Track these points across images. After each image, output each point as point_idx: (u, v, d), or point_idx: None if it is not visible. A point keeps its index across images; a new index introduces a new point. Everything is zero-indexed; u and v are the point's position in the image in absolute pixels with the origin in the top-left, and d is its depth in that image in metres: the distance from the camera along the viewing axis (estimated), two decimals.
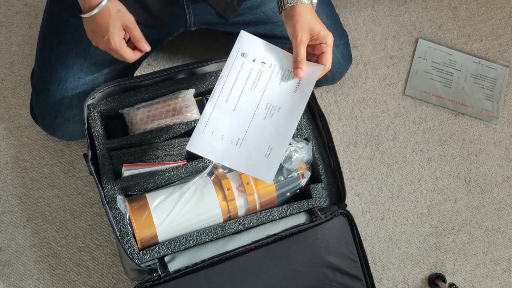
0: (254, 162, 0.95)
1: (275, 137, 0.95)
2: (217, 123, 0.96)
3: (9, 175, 1.26)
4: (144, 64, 1.35)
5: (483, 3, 1.49)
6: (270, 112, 0.97)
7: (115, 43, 0.98)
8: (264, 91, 0.97)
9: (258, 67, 0.98)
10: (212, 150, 0.95)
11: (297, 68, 0.96)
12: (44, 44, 1.14)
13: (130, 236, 0.98)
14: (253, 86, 0.97)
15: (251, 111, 0.97)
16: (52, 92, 1.12)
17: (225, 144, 0.95)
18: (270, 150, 0.95)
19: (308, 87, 0.97)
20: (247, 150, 0.95)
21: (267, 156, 0.95)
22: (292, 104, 0.96)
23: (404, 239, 1.29)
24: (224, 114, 0.96)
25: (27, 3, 1.38)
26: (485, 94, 1.42)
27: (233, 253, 0.99)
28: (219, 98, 0.96)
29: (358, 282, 1.03)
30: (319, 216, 1.02)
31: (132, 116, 1.09)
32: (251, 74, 0.97)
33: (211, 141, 0.95)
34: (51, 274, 1.20)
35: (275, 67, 0.98)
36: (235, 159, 0.95)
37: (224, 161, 0.95)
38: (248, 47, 0.98)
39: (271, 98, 0.97)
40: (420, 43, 1.44)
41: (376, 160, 1.34)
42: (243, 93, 0.97)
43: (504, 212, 1.33)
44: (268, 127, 0.96)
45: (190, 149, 0.95)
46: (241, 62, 0.97)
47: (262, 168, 0.94)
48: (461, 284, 1.28)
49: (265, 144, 0.95)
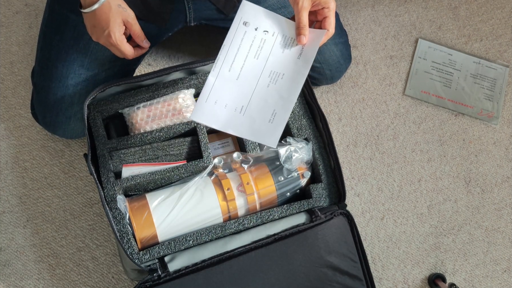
0: (258, 127, 0.94)
1: (279, 103, 0.95)
2: (221, 92, 0.95)
3: (9, 175, 1.26)
4: (144, 64, 1.35)
5: (483, 3, 1.49)
6: (274, 79, 0.96)
7: (116, 37, 0.98)
8: (268, 59, 0.97)
9: (261, 35, 0.97)
10: (216, 118, 0.95)
11: (300, 34, 0.95)
12: (45, 41, 1.14)
13: (130, 236, 0.98)
14: (256, 55, 0.97)
15: (254, 79, 0.97)
16: (53, 89, 1.12)
17: (228, 112, 0.95)
18: (274, 116, 0.95)
19: (311, 52, 0.96)
20: (251, 117, 0.95)
21: (271, 122, 0.94)
22: (296, 70, 0.96)
23: (404, 239, 1.29)
24: (228, 83, 0.96)
25: (27, 3, 1.39)
26: (485, 94, 1.42)
27: (233, 253, 0.99)
28: (222, 67, 0.96)
29: (358, 282, 1.03)
30: (319, 216, 1.02)
31: (132, 116, 1.09)
32: (254, 42, 0.97)
33: (214, 110, 0.95)
34: (51, 274, 1.20)
35: (277, 35, 0.98)
36: (239, 126, 0.95)
37: (228, 129, 0.95)
38: (250, 16, 0.98)
39: (275, 65, 0.97)
40: (420, 43, 1.44)
41: (376, 160, 1.34)
42: (246, 62, 0.97)
43: (504, 212, 1.33)
44: (271, 93, 0.96)
45: (194, 118, 0.94)
46: (243, 31, 0.97)
47: (266, 133, 0.94)
48: (461, 284, 1.28)
49: (269, 110, 0.95)
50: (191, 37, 1.38)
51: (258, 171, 1.05)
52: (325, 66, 1.25)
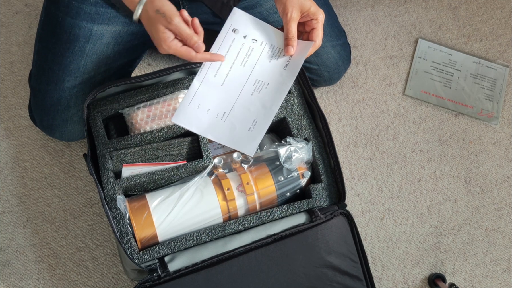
0: (238, 135, 0.96)
1: (260, 112, 0.96)
2: (204, 97, 0.96)
3: (9, 175, 1.26)
4: (144, 64, 1.35)
5: (483, 3, 1.49)
6: (258, 88, 0.97)
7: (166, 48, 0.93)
8: (254, 67, 0.98)
9: (249, 44, 0.98)
10: (198, 123, 0.96)
11: (288, 45, 0.96)
12: (41, 44, 1.14)
13: (130, 236, 0.98)
14: (243, 62, 0.98)
15: (239, 86, 0.97)
16: (50, 92, 1.12)
17: (210, 117, 0.96)
18: (254, 124, 0.96)
19: (297, 64, 0.97)
20: (232, 124, 0.96)
21: (251, 130, 0.96)
22: (281, 81, 0.97)
23: (404, 239, 1.29)
24: (212, 89, 0.96)
25: (27, 3, 1.39)
26: (485, 94, 1.42)
27: (233, 253, 0.99)
28: (208, 72, 0.97)
29: (358, 282, 1.03)
30: (319, 216, 1.02)
31: (132, 116, 1.09)
32: (242, 50, 0.98)
33: (196, 114, 0.96)
34: (51, 274, 1.20)
35: (266, 44, 0.99)
36: (219, 132, 0.96)
37: (208, 134, 0.96)
38: (240, 23, 0.99)
39: (260, 74, 0.98)
40: (420, 43, 1.44)
41: (376, 160, 1.34)
42: (232, 69, 0.97)
43: (504, 212, 1.33)
44: (254, 102, 0.97)
45: (175, 120, 0.95)
46: (232, 38, 0.98)
47: (245, 141, 0.95)
48: (461, 284, 1.28)
49: (250, 118, 0.96)
50: None
51: (258, 171, 1.05)
52: (322, 68, 1.25)
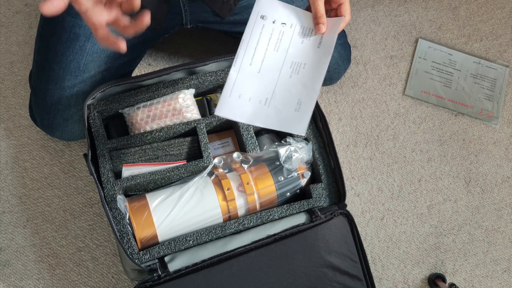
0: (285, 117, 0.94)
1: (303, 92, 0.95)
2: (243, 86, 0.95)
3: (9, 175, 1.26)
4: (144, 64, 1.35)
5: (483, 3, 1.49)
6: (296, 70, 0.96)
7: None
8: (287, 50, 0.97)
9: (279, 28, 0.97)
10: (241, 112, 0.94)
11: (318, 23, 0.95)
12: (41, 43, 1.14)
13: (130, 236, 0.98)
14: (276, 47, 0.97)
15: (276, 71, 0.96)
16: (50, 92, 1.12)
17: (253, 105, 0.95)
18: (299, 105, 0.94)
19: (331, 41, 0.96)
20: (276, 108, 0.95)
21: (297, 110, 0.94)
22: (317, 59, 0.96)
23: (404, 239, 1.29)
24: (250, 77, 0.96)
25: (27, 3, 1.38)
26: (485, 94, 1.42)
27: (233, 253, 0.99)
28: (243, 61, 0.96)
29: (358, 282, 1.03)
30: (319, 216, 1.02)
31: (132, 116, 1.09)
32: (273, 35, 0.97)
33: (239, 104, 0.94)
34: (51, 274, 1.20)
35: (295, 26, 0.98)
36: (265, 118, 0.94)
37: (255, 121, 0.94)
38: (267, 9, 0.98)
39: (295, 56, 0.97)
40: (420, 43, 1.44)
41: (376, 160, 1.34)
42: (267, 55, 0.97)
43: (504, 212, 1.33)
44: (295, 83, 0.96)
45: (218, 113, 0.93)
46: (261, 24, 0.97)
47: (293, 122, 0.94)
48: (461, 284, 1.28)
49: (294, 99, 0.95)
50: (190, 37, 1.38)
51: (258, 171, 1.05)
52: None
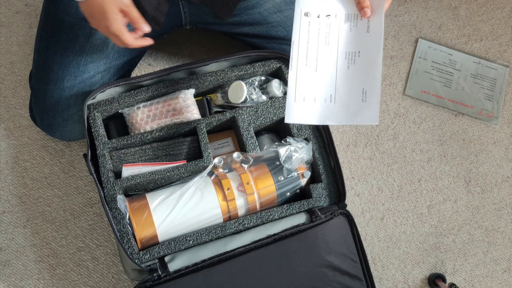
0: (354, 110, 0.94)
1: (365, 80, 0.94)
2: (305, 88, 0.95)
3: (9, 175, 1.26)
4: (144, 64, 1.35)
5: (483, 3, 1.49)
6: (351, 59, 0.96)
7: (115, 29, 0.95)
8: (338, 42, 0.97)
9: (325, 21, 0.97)
10: (310, 115, 0.95)
11: (363, 8, 0.95)
12: (41, 44, 1.14)
13: (130, 236, 0.98)
14: (326, 41, 0.97)
15: (332, 65, 0.96)
16: (50, 92, 1.12)
17: (319, 105, 0.95)
18: (365, 94, 0.94)
19: (379, 22, 0.95)
20: (343, 102, 0.95)
21: (364, 100, 0.94)
22: (370, 44, 0.95)
23: (404, 239, 1.29)
24: (308, 77, 0.96)
25: (27, 3, 1.38)
26: (485, 94, 1.42)
27: (233, 253, 0.99)
28: (298, 63, 0.96)
29: (358, 282, 1.03)
30: (319, 216, 1.02)
31: (132, 116, 1.09)
32: (320, 30, 0.97)
33: (305, 107, 0.95)
34: (51, 274, 1.20)
35: (340, 15, 0.97)
36: (335, 115, 0.94)
37: (325, 121, 0.95)
38: (309, 5, 0.97)
39: (347, 46, 0.96)
40: (420, 43, 1.44)
41: (376, 160, 1.34)
42: (319, 51, 0.96)
43: (504, 212, 1.33)
44: (354, 73, 0.95)
45: (289, 121, 0.94)
46: (307, 22, 0.97)
47: (364, 112, 0.93)
48: (461, 284, 1.28)
49: (358, 90, 0.94)
50: (191, 37, 1.38)
51: (258, 171, 1.05)
52: None
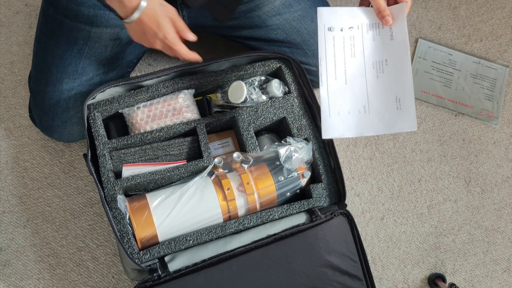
0: (390, 119, 0.95)
1: (397, 87, 0.95)
2: (337, 102, 0.96)
3: (9, 175, 1.26)
4: (144, 64, 1.35)
5: (483, 3, 1.49)
6: (380, 68, 0.97)
7: (171, 37, 0.96)
8: (364, 52, 0.98)
9: (348, 33, 0.98)
10: (347, 128, 0.96)
11: (384, 17, 0.96)
12: (39, 46, 1.14)
13: (130, 236, 0.98)
14: (352, 53, 0.98)
15: (362, 76, 0.97)
16: (48, 94, 1.13)
17: (354, 117, 0.96)
18: (399, 101, 0.95)
19: (402, 29, 0.96)
20: (378, 112, 0.96)
21: (399, 108, 0.95)
22: (396, 51, 0.96)
23: (404, 239, 1.29)
24: (339, 91, 0.96)
25: (27, 3, 1.39)
26: (485, 94, 1.42)
27: (233, 253, 0.99)
28: (328, 79, 0.97)
29: (358, 282, 1.03)
30: (319, 216, 1.02)
31: (132, 116, 1.09)
32: (345, 43, 0.98)
33: (340, 121, 0.96)
34: (51, 274, 1.20)
35: (363, 26, 0.98)
36: (371, 126, 0.95)
37: (363, 132, 0.96)
38: (331, 20, 0.98)
39: (374, 56, 0.97)
40: (420, 43, 1.44)
41: (376, 160, 1.34)
42: (347, 64, 0.97)
43: (504, 212, 1.33)
44: (385, 82, 0.96)
45: (326, 137, 0.96)
46: (331, 36, 0.98)
47: (401, 120, 0.94)
48: (461, 284, 1.28)
49: (391, 98, 0.95)
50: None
51: (258, 171, 1.05)
52: None
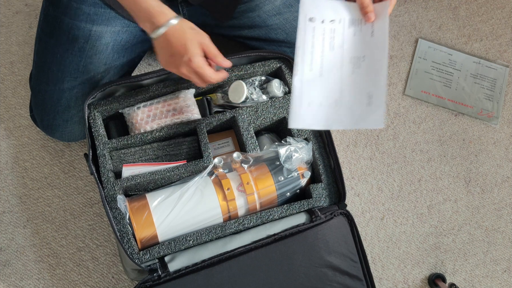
0: (359, 114, 0.93)
1: (370, 84, 0.94)
2: (310, 92, 0.95)
3: (9, 175, 1.26)
4: (144, 64, 1.35)
5: (483, 3, 1.49)
6: (357, 64, 0.95)
7: (197, 61, 0.93)
8: (343, 47, 0.96)
9: (329, 26, 0.97)
10: (315, 119, 0.94)
11: (367, 13, 0.94)
12: (40, 45, 1.14)
13: (130, 236, 0.98)
14: (331, 46, 0.96)
15: (337, 70, 0.96)
16: (49, 93, 1.13)
17: (325, 109, 0.94)
18: (370, 98, 0.93)
19: (383, 26, 0.95)
20: (348, 107, 0.94)
21: (369, 104, 0.93)
22: (375, 48, 0.95)
23: (404, 239, 1.29)
24: (313, 82, 0.95)
25: (27, 3, 1.39)
26: (485, 94, 1.42)
27: (233, 253, 0.99)
28: (303, 68, 0.95)
29: (358, 282, 1.03)
30: (319, 216, 1.02)
31: (132, 116, 1.09)
32: (325, 35, 0.96)
33: (310, 112, 0.94)
34: (51, 274, 1.20)
35: (344, 20, 0.97)
36: (340, 120, 0.94)
37: (331, 125, 0.95)
38: (313, 10, 0.97)
39: (352, 51, 0.96)
40: (420, 43, 1.44)
41: (376, 160, 1.34)
42: (324, 56, 0.96)
43: (504, 212, 1.33)
44: (359, 77, 0.95)
45: (293, 126, 0.93)
46: (311, 27, 0.96)
47: (369, 116, 0.93)
48: (461, 284, 1.28)
49: (363, 94, 0.94)
50: None
51: (258, 171, 1.05)
52: None
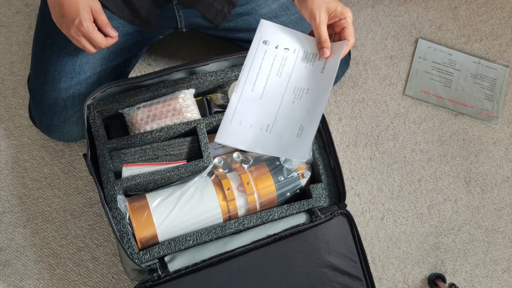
0: (286, 144, 0.93)
1: (305, 117, 0.94)
2: (245, 112, 0.94)
3: (9, 175, 1.26)
4: (144, 64, 1.35)
5: (483, 3, 1.49)
6: (298, 95, 0.95)
7: (87, 25, 0.97)
8: (290, 76, 0.96)
9: (282, 53, 0.96)
10: (242, 139, 0.93)
11: (323, 48, 0.94)
12: (37, 45, 1.15)
13: (130, 236, 0.98)
14: (279, 73, 0.96)
15: (278, 96, 0.95)
16: (47, 93, 1.13)
17: (254, 131, 0.94)
18: (301, 130, 0.93)
19: (334, 65, 0.95)
20: (278, 134, 0.94)
21: (299, 136, 0.93)
22: (320, 84, 0.95)
23: (404, 239, 1.29)
24: (251, 103, 0.95)
25: (27, 3, 1.39)
26: (485, 94, 1.42)
27: (233, 253, 0.99)
28: (244, 87, 0.95)
29: (358, 282, 1.03)
30: (319, 216, 1.02)
31: (132, 116, 1.09)
32: (275, 61, 0.96)
33: (240, 131, 0.94)
34: (51, 274, 1.20)
35: (299, 51, 0.97)
36: (266, 145, 0.93)
37: (256, 148, 0.94)
38: (270, 34, 0.97)
39: (298, 82, 0.96)
40: (420, 43, 1.44)
41: (376, 160, 1.34)
42: (269, 80, 0.95)
43: (504, 212, 1.33)
44: (297, 109, 0.95)
45: (219, 141, 0.93)
46: (263, 50, 0.96)
47: (295, 148, 0.93)
48: (461, 284, 1.28)
49: (296, 125, 0.94)
50: (190, 37, 1.38)
51: (258, 171, 1.05)
52: None
